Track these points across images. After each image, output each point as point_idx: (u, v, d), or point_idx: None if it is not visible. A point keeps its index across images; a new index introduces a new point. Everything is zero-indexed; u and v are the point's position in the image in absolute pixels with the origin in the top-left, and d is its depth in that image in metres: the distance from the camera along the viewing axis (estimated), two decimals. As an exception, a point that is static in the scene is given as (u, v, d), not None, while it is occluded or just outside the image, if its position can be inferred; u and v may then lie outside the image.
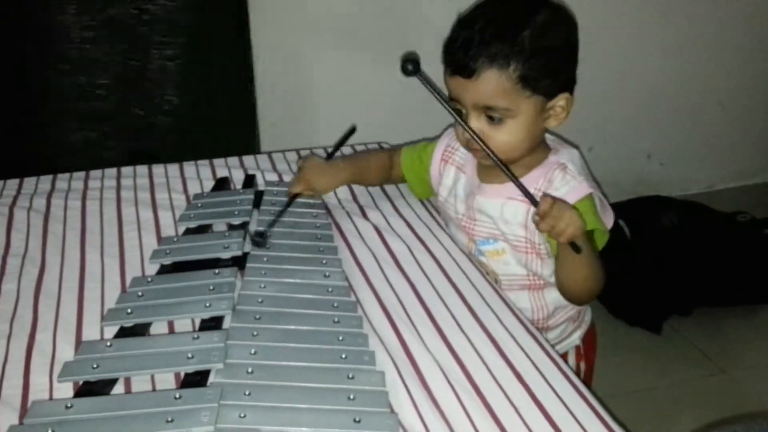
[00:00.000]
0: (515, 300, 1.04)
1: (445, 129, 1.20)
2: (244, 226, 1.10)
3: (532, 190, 1.03)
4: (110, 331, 0.90)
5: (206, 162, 1.39)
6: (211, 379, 0.79)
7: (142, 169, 1.36)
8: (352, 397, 0.77)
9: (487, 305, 0.97)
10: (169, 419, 0.72)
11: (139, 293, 0.93)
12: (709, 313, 2.06)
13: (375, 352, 0.85)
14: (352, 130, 1.22)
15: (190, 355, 0.81)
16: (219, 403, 0.74)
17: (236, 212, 1.12)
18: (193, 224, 1.11)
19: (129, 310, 0.90)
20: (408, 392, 0.81)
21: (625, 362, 1.88)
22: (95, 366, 0.80)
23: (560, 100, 1.02)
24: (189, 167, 1.37)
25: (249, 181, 1.25)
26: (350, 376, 0.80)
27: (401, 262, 1.06)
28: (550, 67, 0.99)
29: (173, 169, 1.37)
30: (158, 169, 1.36)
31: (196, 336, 0.84)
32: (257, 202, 1.17)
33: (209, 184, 1.29)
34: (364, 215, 1.19)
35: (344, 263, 1.04)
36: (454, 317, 0.95)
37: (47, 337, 0.90)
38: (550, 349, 0.90)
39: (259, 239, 1.04)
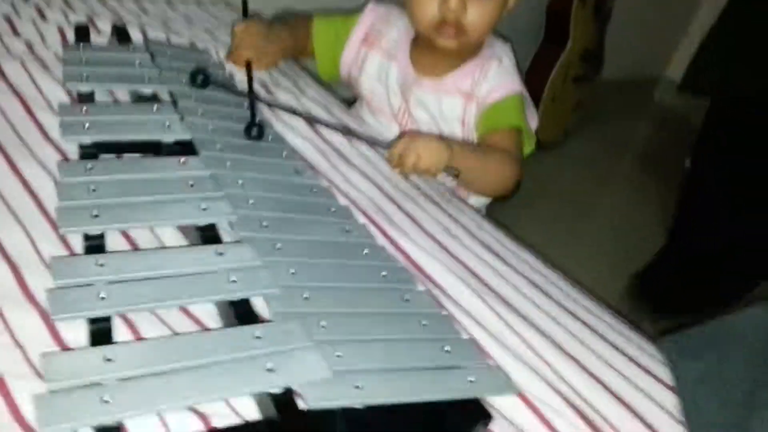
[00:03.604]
0: None
1: (364, 3, 1.07)
2: (156, 98, 0.85)
3: (468, 82, 1.00)
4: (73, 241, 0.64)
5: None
6: (259, 307, 0.63)
7: None
8: (424, 323, 0.68)
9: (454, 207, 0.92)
10: (269, 367, 0.55)
11: (92, 186, 0.67)
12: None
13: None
14: None
15: (233, 278, 0.62)
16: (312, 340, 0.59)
17: (147, 78, 0.86)
18: (85, 88, 0.82)
19: (95, 212, 0.65)
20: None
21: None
22: (102, 297, 0.57)
23: None
24: (-3, 0, 1.00)
25: (123, 35, 0.96)
26: (405, 298, 0.70)
27: (348, 156, 0.93)
28: None
29: (-26, -2, 0.99)
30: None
31: (220, 251, 0.65)
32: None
33: (49, 30, 0.96)
34: (269, 92, 1.01)
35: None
36: (432, 216, 0.87)
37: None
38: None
39: (258, 128, 0.84)
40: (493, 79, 0.99)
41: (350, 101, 1.11)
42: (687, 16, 3.24)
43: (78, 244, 0.65)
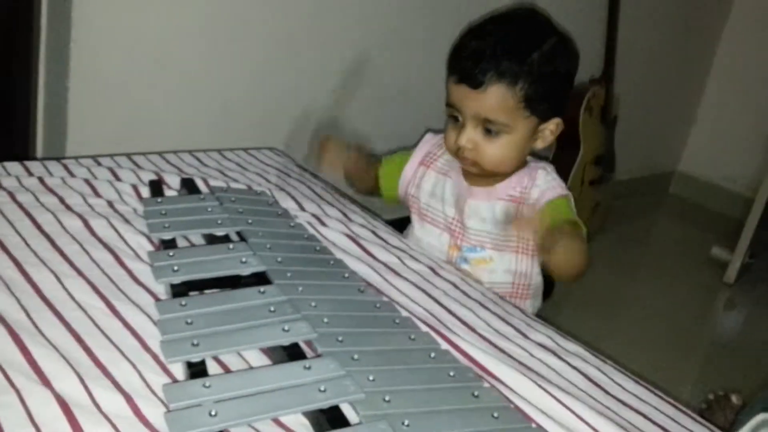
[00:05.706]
0: None
1: (422, 136, 1.22)
2: (227, 237, 0.96)
3: (517, 191, 1.10)
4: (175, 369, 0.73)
5: (90, 161, 1.16)
6: (347, 412, 0.70)
7: (13, 167, 1.09)
8: (495, 415, 0.74)
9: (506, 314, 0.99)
10: (369, 465, 0.62)
11: (188, 320, 0.76)
12: None
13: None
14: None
15: (322, 388, 0.70)
16: (400, 439, 0.66)
17: (219, 221, 0.97)
18: (167, 236, 0.93)
19: (195, 341, 0.73)
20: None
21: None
22: (212, 414, 0.65)
23: (551, 125, 1.10)
24: (76, 167, 1.13)
25: (191, 186, 1.08)
26: (475, 394, 0.77)
27: (401, 273, 1.02)
28: (551, 92, 1.07)
29: (56, 168, 1.11)
30: (37, 168, 1.10)
31: (307, 366, 0.72)
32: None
33: (124, 188, 1.08)
34: (322, 223, 1.11)
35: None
36: (484, 320, 0.95)
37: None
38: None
39: None
40: (543, 184, 1.11)
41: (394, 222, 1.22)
42: (692, 108, 3.38)
43: (178, 370, 0.74)
